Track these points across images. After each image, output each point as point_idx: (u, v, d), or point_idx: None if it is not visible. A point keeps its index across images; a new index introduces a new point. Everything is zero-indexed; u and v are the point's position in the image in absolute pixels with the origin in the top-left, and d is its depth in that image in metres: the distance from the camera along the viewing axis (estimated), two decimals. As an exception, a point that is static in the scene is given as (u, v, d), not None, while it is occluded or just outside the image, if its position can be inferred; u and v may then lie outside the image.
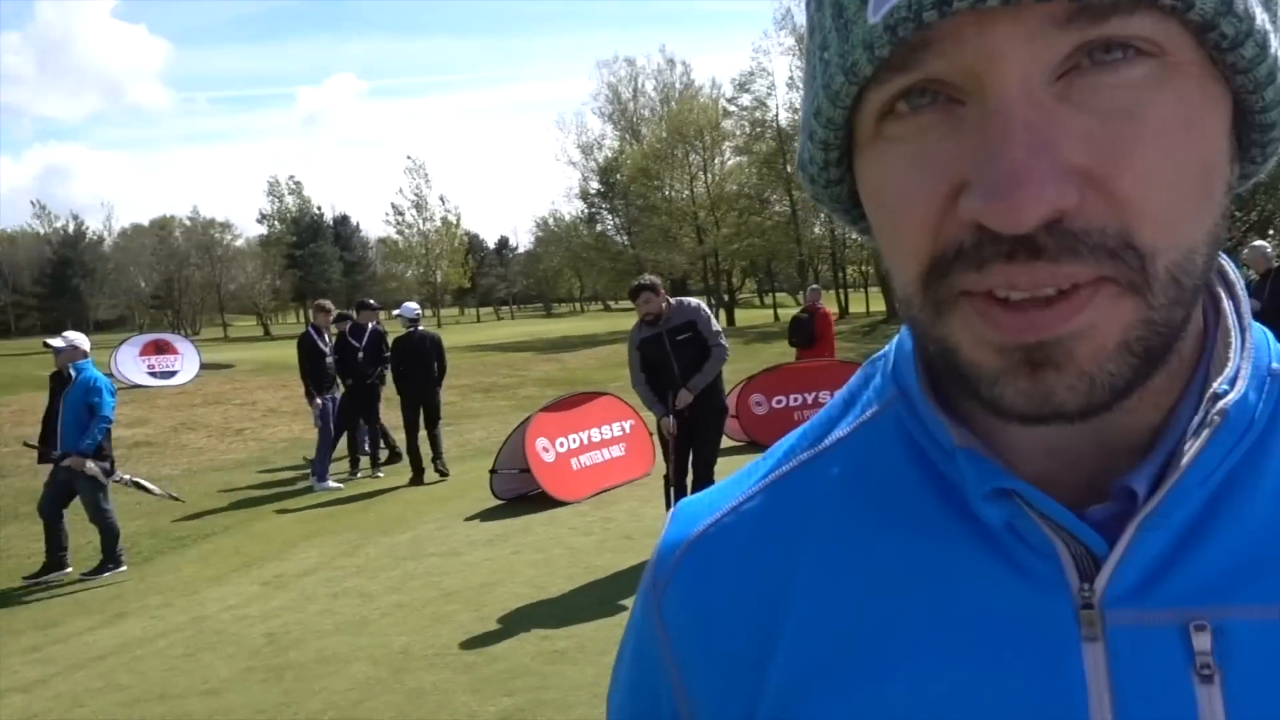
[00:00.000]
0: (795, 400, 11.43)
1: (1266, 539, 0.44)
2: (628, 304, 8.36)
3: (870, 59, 0.39)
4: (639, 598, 0.61)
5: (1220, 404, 0.44)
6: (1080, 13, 0.36)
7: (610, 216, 53.70)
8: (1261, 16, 0.39)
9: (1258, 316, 0.46)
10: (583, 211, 55.97)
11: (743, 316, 54.05)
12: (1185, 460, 0.43)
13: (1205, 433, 0.43)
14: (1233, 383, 0.45)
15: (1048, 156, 0.37)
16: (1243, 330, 0.47)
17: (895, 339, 0.56)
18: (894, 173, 0.42)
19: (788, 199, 45.57)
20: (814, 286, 15.31)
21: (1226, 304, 0.48)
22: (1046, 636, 0.45)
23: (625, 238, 50.85)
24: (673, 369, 6.28)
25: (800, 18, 42.79)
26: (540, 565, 6.50)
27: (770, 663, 0.51)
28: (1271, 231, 27.49)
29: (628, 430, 9.65)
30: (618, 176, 49.59)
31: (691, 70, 60.72)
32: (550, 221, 68.51)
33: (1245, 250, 9.32)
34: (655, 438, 8.80)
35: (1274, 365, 0.47)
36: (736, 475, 0.61)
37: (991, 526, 0.47)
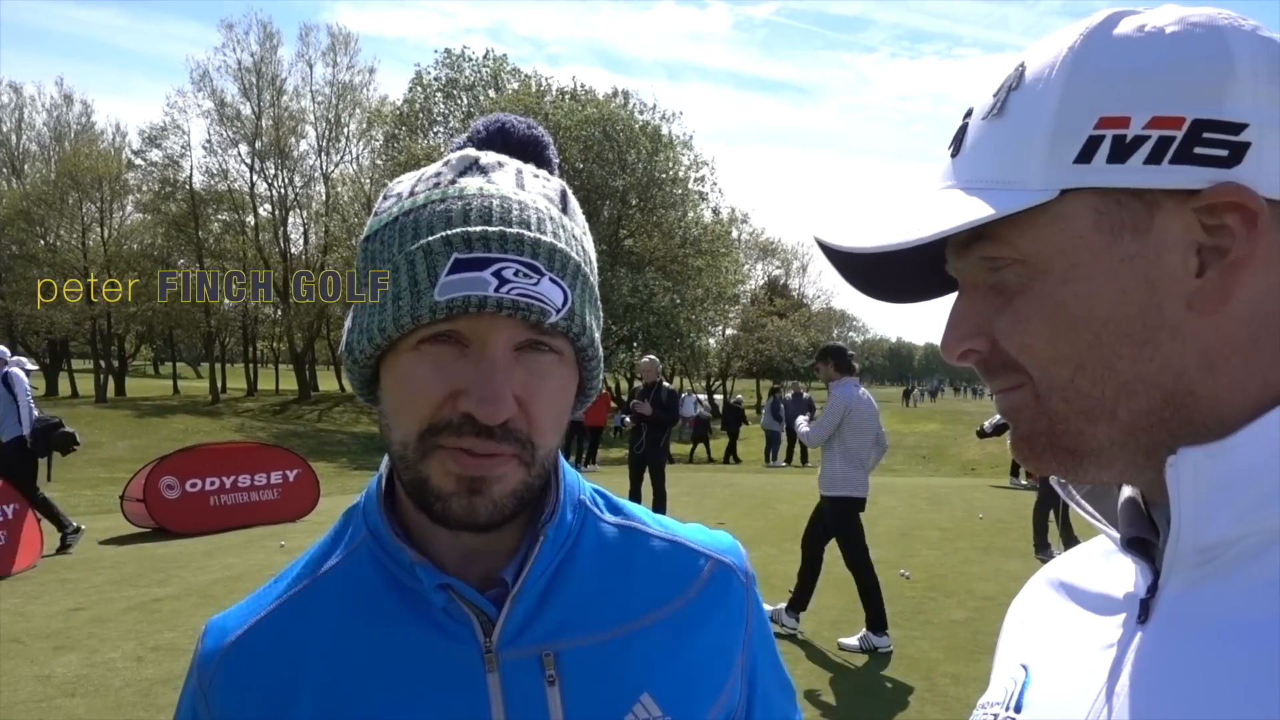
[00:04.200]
0: (211, 484, 10.50)
1: (577, 604, 0.83)
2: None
3: (430, 316, 0.72)
4: (187, 695, 0.87)
5: (542, 527, 0.82)
6: (531, 330, 0.75)
7: (-29, 260, 45.66)
8: (597, 345, 0.82)
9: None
10: (-67, 249, 46.70)
11: (135, 386, 49.65)
12: (529, 563, 0.81)
13: (538, 544, 0.81)
14: (551, 514, 0.84)
15: (505, 388, 0.72)
16: (563, 480, 0.87)
17: (365, 491, 0.88)
18: (420, 371, 0.74)
19: (198, 265, 43.73)
20: None
21: (560, 468, 0.88)
22: (467, 673, 0.79)
23: (-9, 286, 43.66)
24: None
25: (220, 83, 42.28)
26: None
27: (295, 718, 0.79)
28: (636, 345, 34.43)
29: (9, 516, 8.40)
30: (-13, 215, 42.63)
31: (93, 111, 55.04)
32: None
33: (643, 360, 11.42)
34: (40, 525, 8.30)
35: (581, 497, 0.89)
36: (255, 595, 0.89)
37: (434, 609, 0.80)
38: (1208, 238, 0.58)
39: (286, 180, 44.29)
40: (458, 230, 0.74)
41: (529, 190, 0.80)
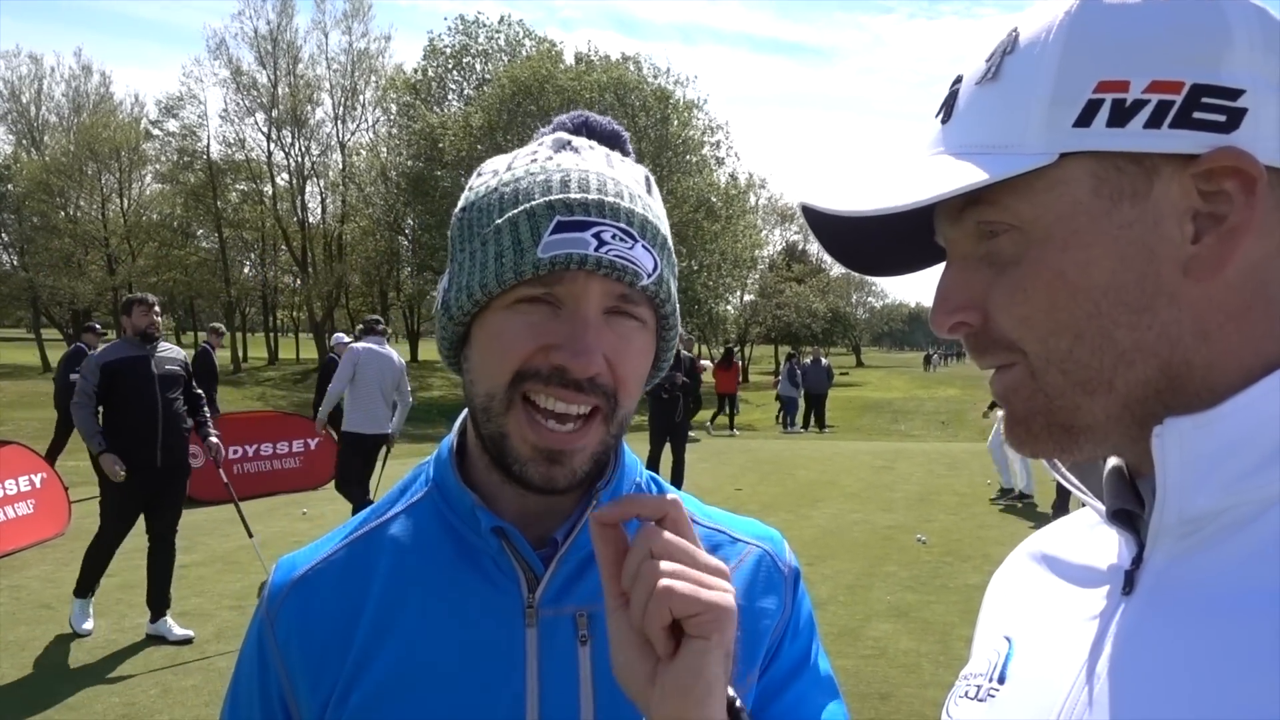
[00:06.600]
0: (234, 453, 10.58)
1: None
2: (11, 333, 7.99)
3: (532, 271, 0.77)
4: (255, 624, 0.92)
5: (597, 493, 0.87)
6: (621, 294, 0.79)
7: (-6, 231, 46.02)
8: (678, 314, 0.86)
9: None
10: (-43, 221, 47.06)
11: (158, 355, 49.97)
12: (580, 526, 0.86)
13: (590, 509, 0.83)
14: (606, 484, 0.88)
15: (597, 344, 0.77)
16: (623, 457, 0.92)
17: (437, 450, 0.95)
18: (513, 326, 0.79)
19: (216, 235, 43.90)
20: None
21: (622, 448, 0.93)
22: (508, 624, 0.84)
23: (15, 258, 44.05)
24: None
25: (235, 50, 42.10)
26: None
27: (350, 650, 0.85)
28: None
29: (38, 485, 8.74)
30: (9, 187, 42.86)
31: (111, 82, 54.88)
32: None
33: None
34: (69, 492, 8.52)
35: (638, 480, 0.93)
36: (323, 539, 0.95)
37: (486, 561, 0.86)
38: (1204, 204, 0.58)
39: (303, 149, 44.18)
40: (559, 196, 0.80)
41: (618, 170, 0.85)
